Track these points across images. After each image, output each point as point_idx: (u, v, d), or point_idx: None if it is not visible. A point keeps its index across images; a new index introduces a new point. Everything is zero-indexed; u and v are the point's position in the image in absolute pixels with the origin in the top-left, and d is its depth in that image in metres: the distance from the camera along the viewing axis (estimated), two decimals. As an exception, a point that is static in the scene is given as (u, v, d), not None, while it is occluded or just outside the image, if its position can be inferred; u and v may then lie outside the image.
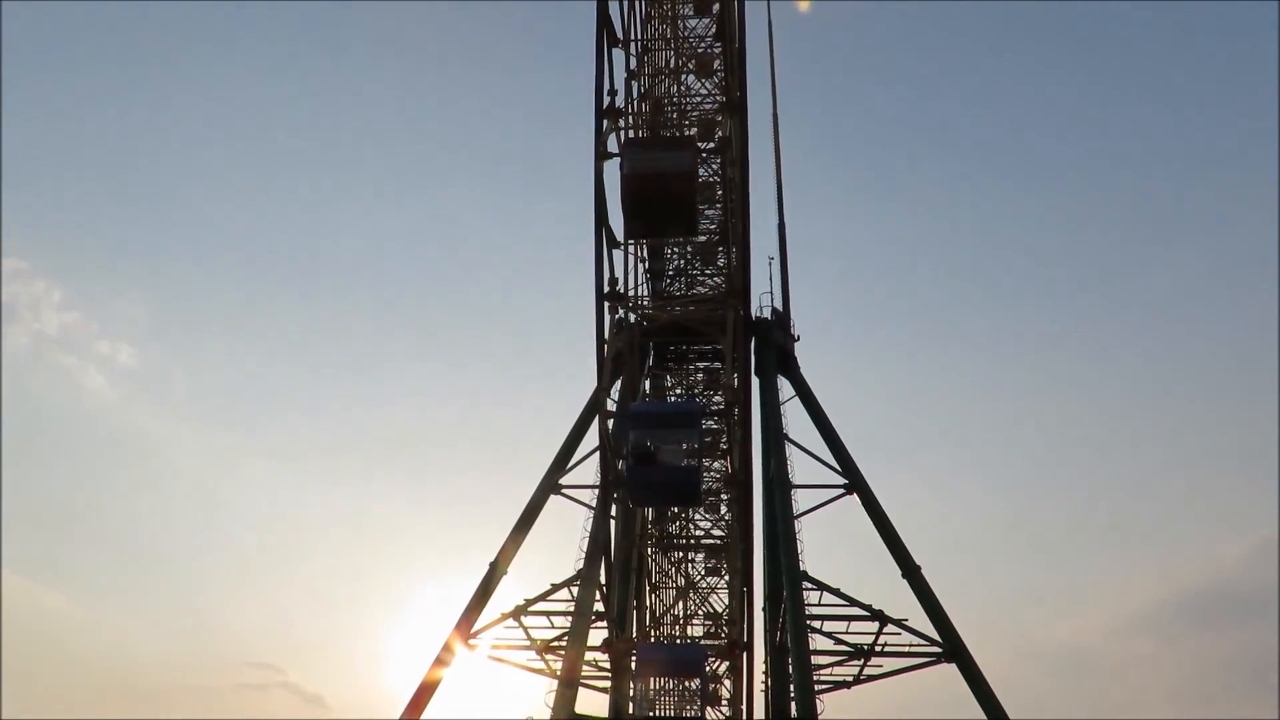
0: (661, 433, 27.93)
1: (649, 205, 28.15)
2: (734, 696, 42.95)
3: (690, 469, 27.78)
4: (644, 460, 27.00)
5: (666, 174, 27.88)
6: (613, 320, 32.86)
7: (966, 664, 29.58)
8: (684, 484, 28.40)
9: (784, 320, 36.63)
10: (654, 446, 27.24)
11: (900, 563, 31.45)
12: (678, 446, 27.69)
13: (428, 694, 30.73)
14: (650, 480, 27.67)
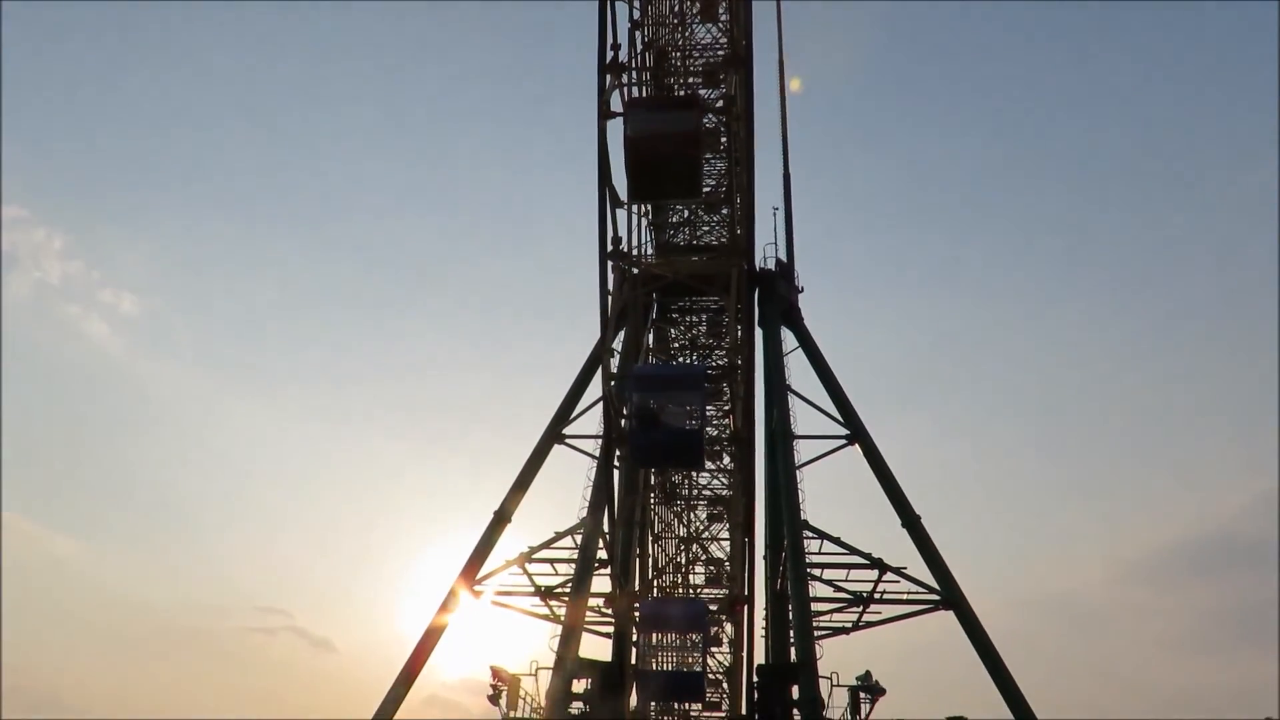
0: (664, 395, 28.15)
1: (652, 169, 28.00)
2: (735, 639, 43.82)
3: (693, 431, 28.03)
4: (647, 422, 27.26)
5: (670, 136, 27.65)
6: (616, 277, 32.92)
7: (964, 611, 30.04)
8: (687, 446, 28.68)
9: (788, 271, 36.57)
10: (657, 408, 27.47)
11: (900, 512, 31.76)
12: (681, 409, 27.92)
13: (434, 638, 31.37)
14: (653, 442, 27.96)
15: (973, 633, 29.74)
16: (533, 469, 33.29)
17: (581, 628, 29.81)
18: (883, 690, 26.47)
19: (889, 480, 32.38)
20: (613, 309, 32.62)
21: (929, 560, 30.90)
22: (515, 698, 27.18)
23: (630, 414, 27.99)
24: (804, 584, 29.02)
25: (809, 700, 25.95)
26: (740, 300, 34.33)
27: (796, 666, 27.51)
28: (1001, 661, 29.16)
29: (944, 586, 30.42)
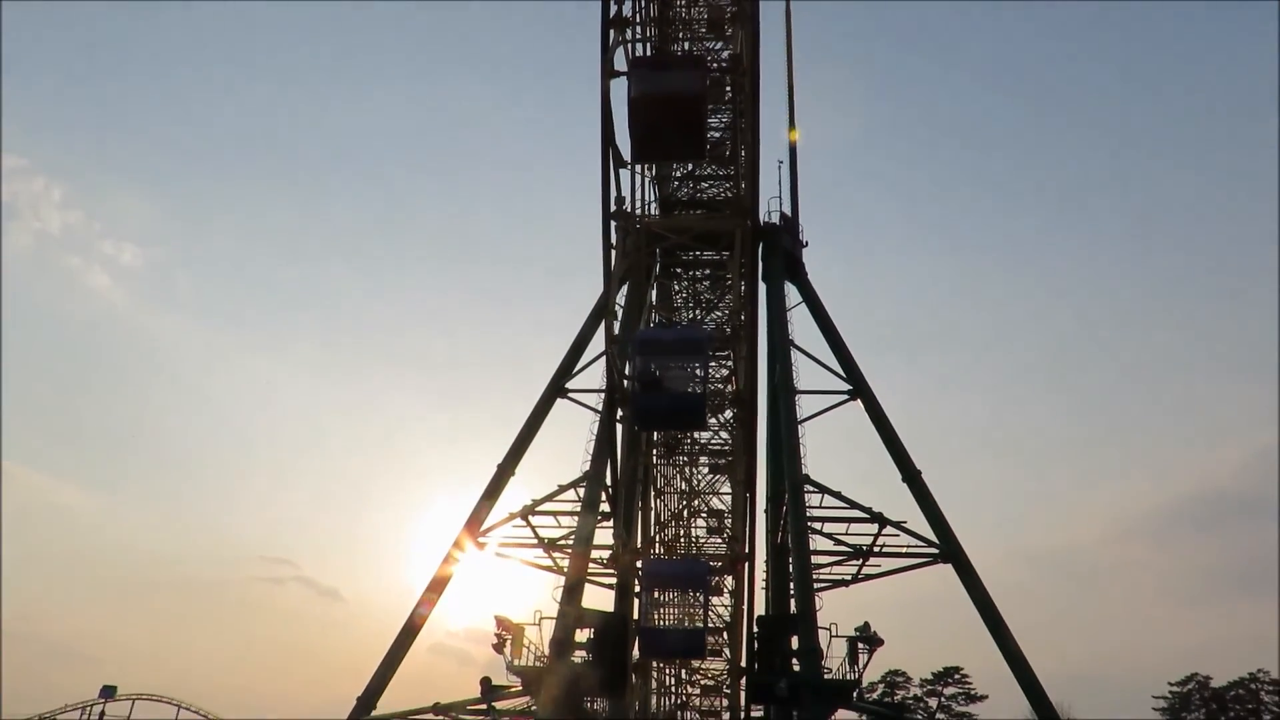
0: (667, 359, 28.14)
1: (656, 130, 27.64)
2: (736, 593, 44.40)
3: (695, 395, 28.07)
4: (650, 387, 27.28)
5: (674, 98, 27.24)
6: (620, 234, 32.74)
7: (962, 565, 30.31)
8: (689, 409, 28.74)
9: (792, 226, 36.22)
10: (659, 372, 27.48)
11: (901, 467, 31.89)
12: (683, 372, 27.93)
13: (440, 588, 31.84)
14: (655, 406, 28.03)
15: (971, 586, 30.03)
16: (536, 423, 33.46)
17: (584, 579, 30.20)
18: (881, 641, 26.77)
19: (890, 435, 32.46)
20: (616, 266, 32.53)
21: (929, 514, 31.10)
22: (519, 646, 27.59)
23: (633, 377, 28.03)
24: (804, 537, 29.25)
25: (808, 650, 26.31)
26: (744, 260, 34.21)
27: (796, 617, 27.86)
28: (999, 614, 29.50)
29: (943, 540, 30.66)
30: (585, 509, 30.65)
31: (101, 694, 74.67)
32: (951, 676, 74.30)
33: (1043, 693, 28.80)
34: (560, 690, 26.60)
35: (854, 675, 26.40)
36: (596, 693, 31.39)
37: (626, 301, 34.09)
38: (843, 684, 26.17)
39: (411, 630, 31.19)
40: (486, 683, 28.73)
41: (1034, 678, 28.72)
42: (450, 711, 30.81)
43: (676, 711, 51.30)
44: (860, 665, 26.47)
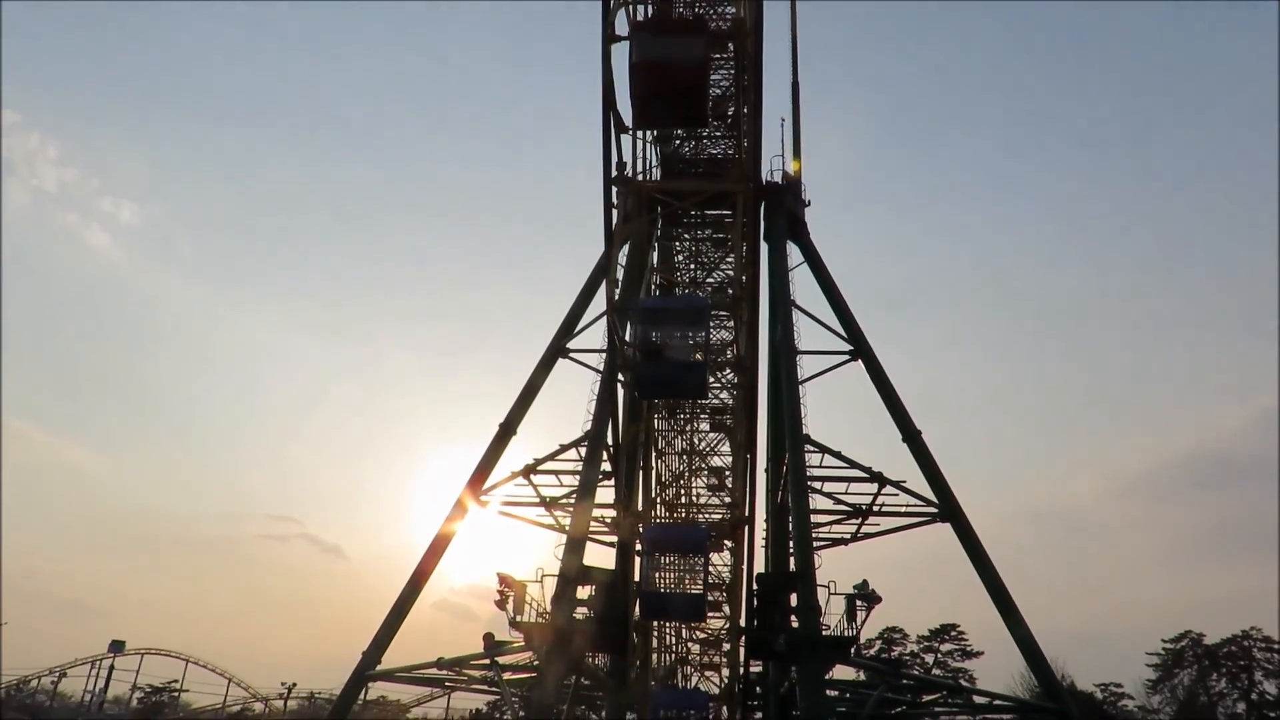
0: (669, 327, 28.04)
1: (658, 97, 27.32)
2: (735, 555, 44.78)
3: (696, 364, 28.02)
4: (651, 356, 27.23)
5: (676, 65, 26.85)
6: (620, 198, 32.57)
7: (960, 524, 30.57)
8: (690, 379, 28.72)
9: (795, 185, 35.89)
10: (660, 341, 27.39)
11: (901, 427, 32.01)
12: (684, 341, 27.85)
13: (442, 545, 32.13)
14: (657, 375, 27.99)
15: (969, 545, 30.32)
16: (537, 382, 33.49)
17: (585, 537, 30.45)
18: (878, 598, 27.07)
19: (890, 395, 32.52)
20: (617, 227, 32.35)
21: (928, 474, 31.28)
22: (521, 603, 27.87)
23: (634, 346, 27.97)
24: (804, 496, 29.45)
25: (807, 607, 26.61)
26: (746, 225, 33.93)
27: (795, 575, 28.16)
28: (996, 573, 29.83)
29: (942, 500, 30.88)
30: (586, 468, 30.80)
31: (111, 648, 76.04)
32: (948, 633, 75.21)
33: (1038, 649, 29.22)
34: (562, 646, 26.95)
35: (852, 632, 26.70)
36: (598, 648, 31.83)
37: (628, 262, 33.93)
38: (841, 640, 26.49)
39: (415, 587, 31.52)
40: (490, 638, 29.10)
41: (1029, 635, 29.13)
42: (454, 666, 31.28)
43: (677, 666, 52.06)
44: (858, 622, 26.75)
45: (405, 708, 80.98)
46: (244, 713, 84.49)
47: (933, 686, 41.30)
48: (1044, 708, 32.25)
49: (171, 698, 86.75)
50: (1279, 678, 69.32)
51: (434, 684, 35.45)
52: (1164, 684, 73.06)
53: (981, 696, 37.84)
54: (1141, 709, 73.32)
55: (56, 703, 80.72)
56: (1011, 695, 44.14)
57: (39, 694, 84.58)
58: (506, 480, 33.28)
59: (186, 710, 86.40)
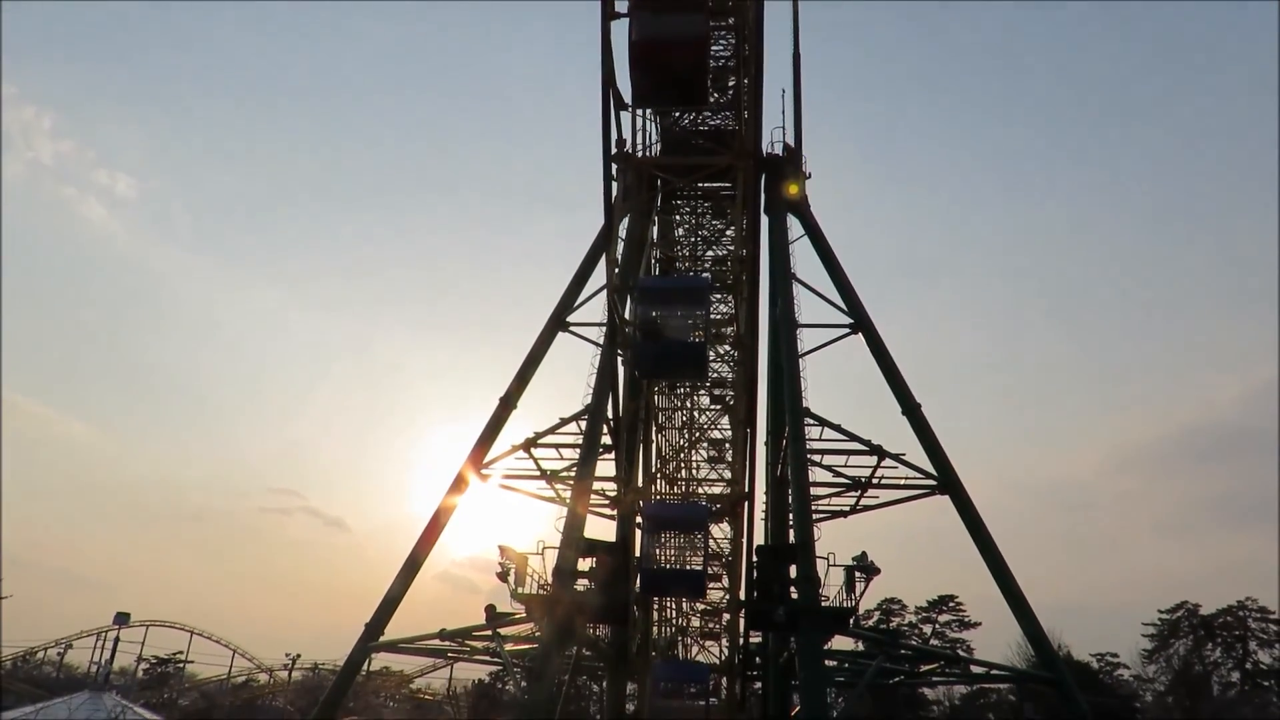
0: (669, 308, 27.98)
1: (657, 76, 27.17)
2: (735, 527, 45.07)
3: (697, 344, 27.99)
4: (651, 336, 27.17)
5: (676, 43, 26.65)
6: (619, 174, 32.48)
7: (959, 496, 30.68)
8: (691, 359, 28.70)
9: (795, 157, 35.64)
10: (661, 321, 27.34)
11: (901, 400, 32.02)
12: (684, 321, 27.80)
13: (444, 518, 32.31)
14: (657, 355, 27.97)
15: (968, 517, 30.45)
16: (537, 356, 33.51)
17: (586, 510, 30.60)
18: (877, 570, 27.19)
19: (890, 368, 32.51)
20: (616, 200, 32.26)
21: (927, 447, 31.35)
22: (523, 575, 28.05)
23: (634, 326, 27.92)
24: (804, 469, 29.53)
25: (806, 579, 26.78)
26: (746, 203, 33.76)
27: (795, 547, 28.29)
28: (994, 544, 29.98)
29: (941, 472, 30.98)
30: (587, 441, 30.89)
31: (116, 621, 76.58)
32: (946, 604, 75.87)
33: (1035, 620, 29.45)
34: (563, 617, 27.16)
35: (851, 603, 26.86)
36: (599, 619, 32.08)
37: (628, 235, 33.84)
38: (839, 611, 26.67)
39: (417, 559, 31.74)
40: (491, 610, 29.32)
41: (1027, 605, 29.35)
42: (456, 638, 31.55)
43: (677, 636, 52.52)
44: (857, 593, 26.88)
45: (408, 678, 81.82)
46: (249, 683, 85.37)
47: (930, 656, 41.72)
48: (1039, 677, 32.57)
49: (177, 669, 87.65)
50: (1273, 647, 70.01)
51: (436, 655, 35.80)
52: (1159, 654, 73.80)
53: (979, 666, 38.24)
54: (1136, 678, 74.12)
55: (62, 674, 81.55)
56: (1008, 665, 44.58)
57: (45, 665, 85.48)
58: (507, 454, 33.41)
59: (192, 681, 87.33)
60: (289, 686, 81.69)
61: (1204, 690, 66.92)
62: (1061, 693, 29.99)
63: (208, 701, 75.03)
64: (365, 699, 67.07)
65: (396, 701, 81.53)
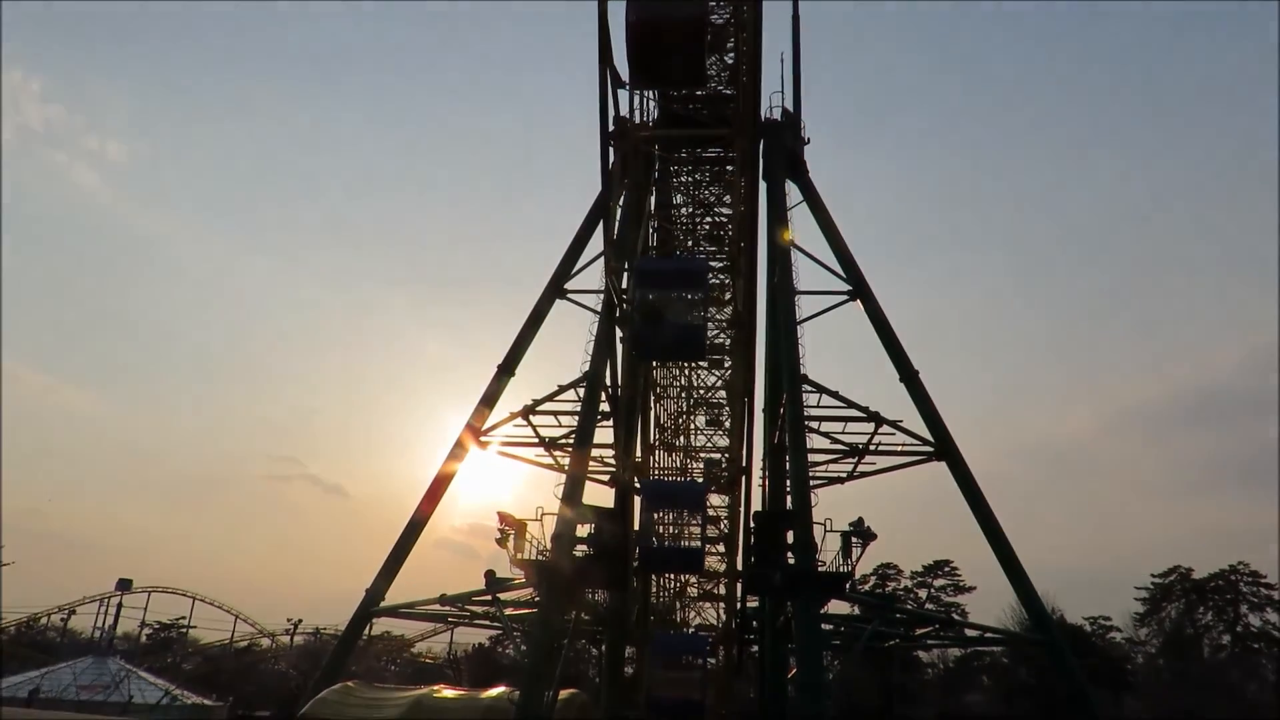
0: (667, 289, 27.88)
1: (655, 57, 26.94)
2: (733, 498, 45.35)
3: (695, 326, 27.92)
4: (650, 318, 27.09)
5: (673, 24, 26.36)
6: (617, 146, 32.28)
7: (956, 462, 30.81)
8: (689, 341, 28.66)
9: (794, 121, 35.34)
10: (660, 303, 27.24)
11: (899, 366, 32.02)
12: (683, 303, 27.72)
13: (443, 485, 32.45)
14: (656, 338, 27.93)
15: (964, 483, 30.59)
16: (535, 324, 33.47)
17: (584, 476, 30.72)
18: (873, 535, 27.39)
19: (888, 335, 32.47)
20: (614, 167, 32.09)
21: (925, 413, 31.43)
22: (522, 541, 28.22)
23: (632, 308, 27.84)
24: (801, 436, 29.59)
25: (803, 544, 26.95)
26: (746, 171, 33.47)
27: (792, 513, 28.45)
28: (990, 510, 30.14)
29: (938, 439, 31.08)
30: (585, 409, 30.94)
31: (118, 587, 77.25)
32: (941, 569, 76.52)
33: (1029, 584, 29.73)
34: (562, 582, 27.39)
35: (847, 568, 27.08)
36: (598, 585, 32.36)
37: (626, 202, 33.64)
38: (835, 575, 26.89)
39: (416, 526, 31.93)
40: (491, 575, 29.55)
41: (1021, 570, 29.60)
42: (456, 603, 31.84)
43: (675, 600, 53.06)
44: (853, 558, 27.09)
45: (409, 643, 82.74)
46: (251, 648, 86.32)
47: (925, 620, 42.26)
48: (1032, 640, 32.99)
49: (180, 634, 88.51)
50: (1264, 611, 70.84)
51: (437, 619, 36.13)
52: (1152, 617, 74.64)
53: (973, 630, 38.74)
54: (1129, 641, 75.03)
55: (66, 639, 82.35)
56: (1001, 628, 45.12)
57: (49, 631, 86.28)
58: (505, 421, 33.48)
59: (195, 646, 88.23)
60: (291, 650, 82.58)
61: (1194, 653, 67.80)
62: (1054, 655, 30.39)
63: (211, 665, 75.87)
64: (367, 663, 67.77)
65: (398, 665, 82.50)
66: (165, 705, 46.32)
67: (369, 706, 24.91)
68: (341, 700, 25.41)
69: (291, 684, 62.00)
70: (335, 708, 24.81)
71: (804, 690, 25.97)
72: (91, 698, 47.62)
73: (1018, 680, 65.39)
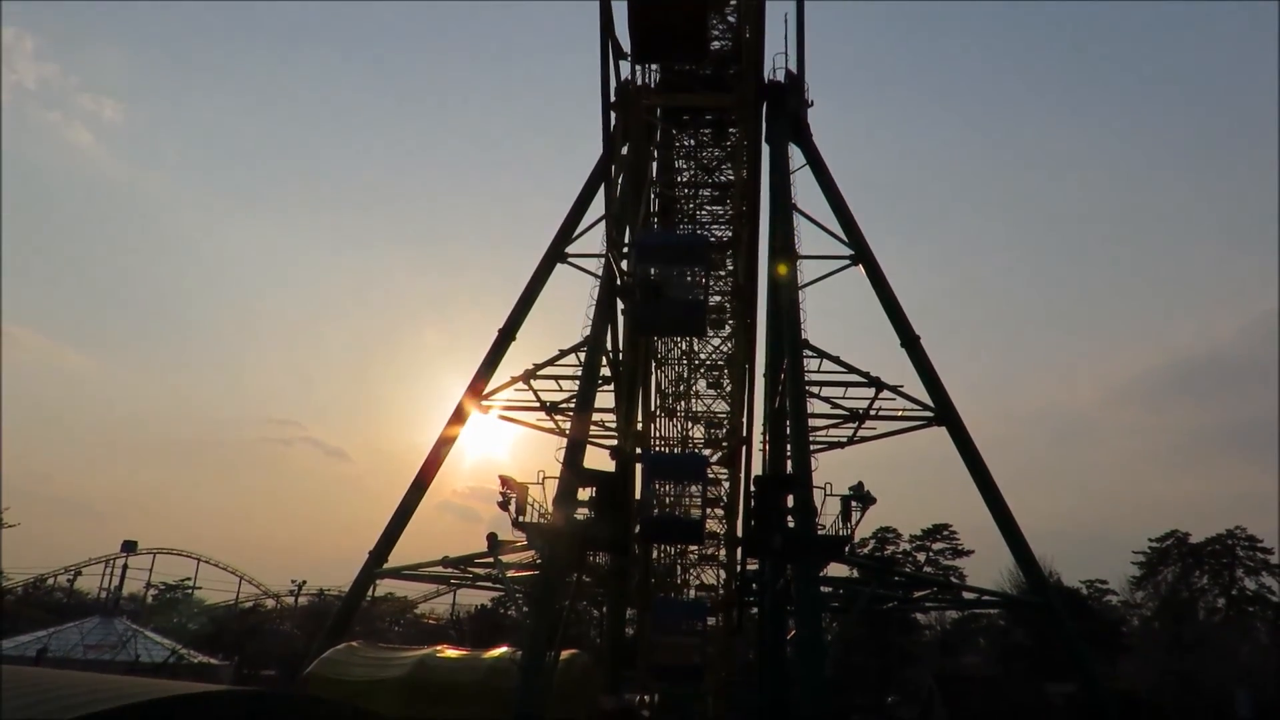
0: (669, 265, 27.75)
1: (657, 31, 26.71)
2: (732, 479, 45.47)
3: (696, 303, 27.86)
4: (650, 294, 27.00)
5: (675, 3, 26.11)
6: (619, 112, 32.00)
7: (956, 427, 30.90)
8: (690, 318, 28.60)
9: (798, 83, 34.95)
10: (660, 279, 27.14)
11: (900, 332, 32.00)
12: (684, 279, 27.60)
13: (445, 449, 32.61)
14: (657, 314, 27.86)
15: (964, 448, 30.70)
16: (536, 288, 33.40)
17: (585, 440, 30.83)
18: (873, 499, 27.48)
19: (890, 300, 32.40)
20: (615, 129, 31.81)
21: (925, 378, 31.45)
22: (523, 504, 28.37)
23: (633, 284, 27.74)
24: (802, 400, 29.63)
25: (803, 508, 27.10)
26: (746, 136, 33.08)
27: (792, 477, 28.58)
28: (989, 475, 30.28)
29: (939, 404, 31.14)
30: (586, 373, 30.97)
31: (123, 548, 77.88)
32: (940, 533, 76.99)
33: (1026, 547, 29.96)
34: (563, 545, 27.60)
35: (846, 531, 27.24)
36: (599, 548, 32.62)
37: (627, 165, 33.38)
38: (835, 539, 27.07)
39: (419, 489, 32.13)
40: (493, 538, 29.77)
41: (1019, 534, 29.81)
42: (459, 564, 32.12)
43: (675, 563, 53.51)
44: (852, 522, 27.23)
45: (412, 604, 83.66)
46: (256, 608, 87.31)
47: (923, 583, 42.58)
48: (1029, 602, 33.30)
49: (185, 595, 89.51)
50: (1259, 575, 71.42)
51: (439, 581, 36.42)
52: (1148, 581, 75.26)
53: (970, 592, 39.05)
54: (1124, 604, 75.74)
55: (73, 600, 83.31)
56: (998, 590, 45.53)
57: (55, 592, 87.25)
58: (507, 385, 33.55)
59: (200, 606, 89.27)
60: (296, 611, 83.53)
61: (1190, 616, 68.44)
62: (1049, 617, 30.68)
63: (217, 626, 76.78)
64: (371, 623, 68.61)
65: (401, 626, 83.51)
66: (172, 664, 46.94)
67: (373, 666, 25.22)
68: (346, 660, 25.74)
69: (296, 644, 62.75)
70: (340, 667, 25.13)
71: (803, 651, 26.27)
72: (99, 656, 48.24)
73: (1013, 642, 66.16)
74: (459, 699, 23.47)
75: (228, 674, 53.04)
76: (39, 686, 9.61)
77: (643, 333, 33.22)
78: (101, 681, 11.03)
